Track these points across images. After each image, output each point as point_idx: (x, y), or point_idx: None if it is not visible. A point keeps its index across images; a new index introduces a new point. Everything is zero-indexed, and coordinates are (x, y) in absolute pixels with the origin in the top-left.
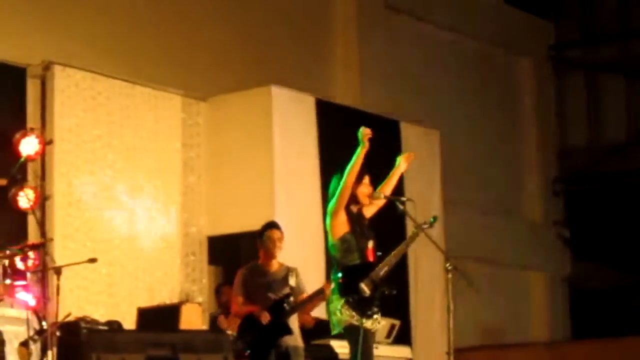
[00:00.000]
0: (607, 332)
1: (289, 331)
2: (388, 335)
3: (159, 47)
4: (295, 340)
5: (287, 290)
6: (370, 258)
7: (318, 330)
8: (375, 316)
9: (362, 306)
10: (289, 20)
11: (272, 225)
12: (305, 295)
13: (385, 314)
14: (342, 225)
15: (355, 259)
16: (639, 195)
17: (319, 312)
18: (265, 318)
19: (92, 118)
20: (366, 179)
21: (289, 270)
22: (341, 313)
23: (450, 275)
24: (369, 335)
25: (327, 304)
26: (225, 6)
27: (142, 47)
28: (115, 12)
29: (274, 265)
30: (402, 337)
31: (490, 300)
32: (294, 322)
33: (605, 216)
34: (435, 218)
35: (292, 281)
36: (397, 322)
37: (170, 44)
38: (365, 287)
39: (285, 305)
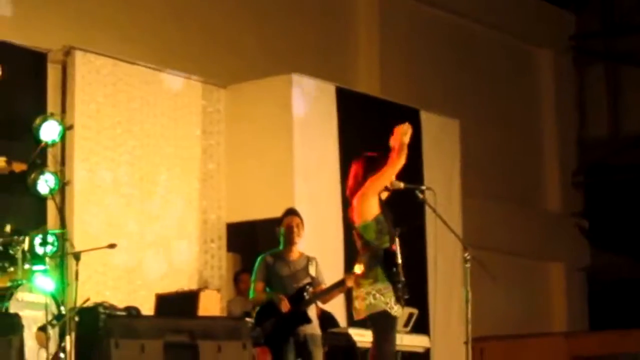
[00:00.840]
0: (625, 323)
1: (307, 320)
2: (406, 324)
3: (180, 34)
4: (313, 328)
5: (307, 280)
6: (394, 246)
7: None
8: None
9: (402, 291)
10: (310, 8)
11: (290, 212)
12: (323, 285)
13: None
14: (374, 207)
15: (386, 242)
16: None
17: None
18: (286, 307)
19: (112, 104)
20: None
21: (309, 260)
22: (375, 298)
23: (468, 265)
24: (396, 323)
25: (357, 288)
26: None
27: (163, 33)
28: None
29: (295, 254)
30: (420, 326)
31: (508, 290)
32: (312, 311)
33: (624, 207)
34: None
35: (312, 271)
36: (415, 311)
37: (191, 31)
38: (399, 271)
39: (305, 294)
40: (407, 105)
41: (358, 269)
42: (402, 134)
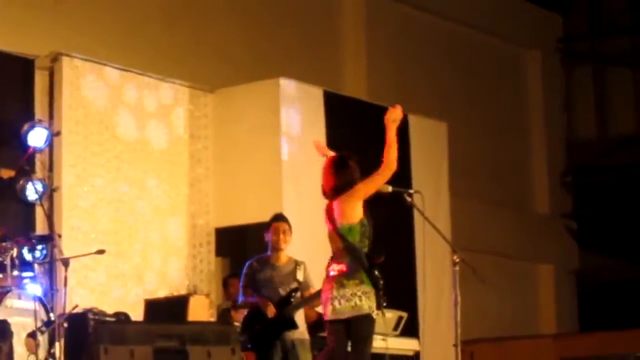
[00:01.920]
0: (615, 324)
1: (294, 325)
2: (395, 328)
3: (167, 39)
4: (301, 333)
5: (294, 285)
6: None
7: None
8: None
9: (381, 297)
10: (296, 12)
11: (277, 218)
12: (312, 289)
13: (392, 306)
14: (360, 209)
15: (366, 246)
16: None
17: None
18: (271, 312)
19: (99, 110)
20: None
21: (296, 264)
22: (360, 300)
23: (457, 268)
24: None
25: (338, 288)
26: None
27: (150, 38)
28: (124, 4)
29: (282, 259)
30: (410, 329)
31: (497, 292)
32: (299, 316)
33: (613, 209)
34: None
35: (299, 275)
36: (404, 314)
37: (179, 36)
38: (379, 277)
39: (292, 299)
40: None
41: (338, 268)
42: (392, 120)
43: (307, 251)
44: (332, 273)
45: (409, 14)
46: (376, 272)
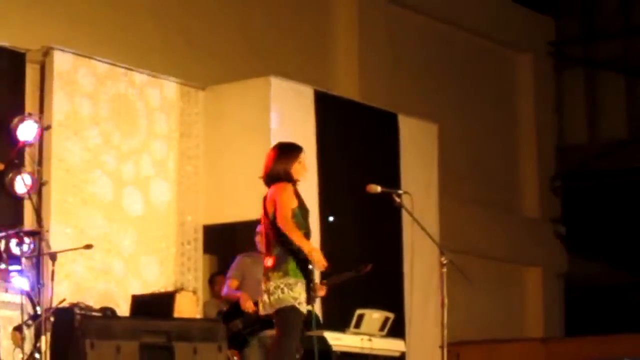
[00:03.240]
0: (601, 329)
1: (272, 325)
2: (382, 328)
3: (158, 35)
4: None
5: None
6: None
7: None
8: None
9: (311, 289)
10: (289, 11)
11: None
12: None
13: (379, 306)
14: (291, 199)
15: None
16: (636, 193)
17: None
18: (250, 307)
19: (90, 105)
20: (302, 155)
21: None
22: (283, 292)
23: (445, 269)
24: (302, 321)
25: (265, 282)
26: None
27: (141, 34)
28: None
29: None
30: (396, 330)
31: (485, 295)
32: None
33: (603, 214)
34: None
35: None
36: (391, 315)
37: (170, 32)
38: (315, 270)
39: None
40: (386, 109)
41: (268, 261)
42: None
43: None
44: (267, 265)
45: (401, 15)
46: (310, 266)
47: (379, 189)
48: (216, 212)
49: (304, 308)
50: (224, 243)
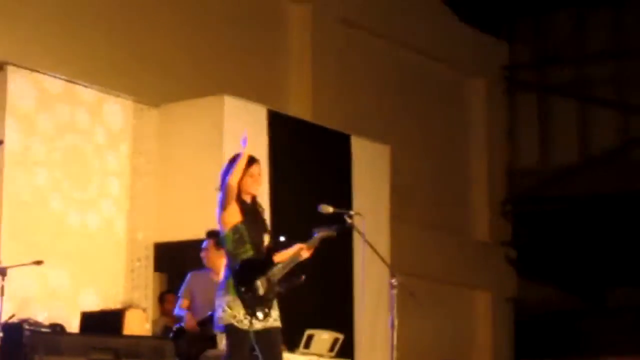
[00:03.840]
0: (550, 354)
1: (215, 345)
2: (331, 349)
3: (112, 53)
4: (222, 351)
5: None
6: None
7: None
8: (271, 316)
9: (253, 305)
10: (243, 30)
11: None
12: None
13: (329, 327)
14: (233, 215)
15: (247, 251)
16: (586, 218)
17: None
18: (192, 327)
19: (43, 120)
20: (255, 168)
21: None
22: (223, 311)
23: (395, 291)
24: (246, 338)
25: (214, 302)
26: (180, 14)
27: (96, 52)
28: (69, 16)
29: (220, 277)
30: (346, 351)
31: (434, 317)
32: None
33: (553, 238)
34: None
35: None
36: (340, 336)
37: (124, 50)
38: (260, 285)
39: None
40: (338, 130)
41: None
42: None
43: None
44: None
45: (355, 36)
46: (259, 282)
47: (330, 209)
48: (167, 230)
49: (244, 325)
50: (175, 261)
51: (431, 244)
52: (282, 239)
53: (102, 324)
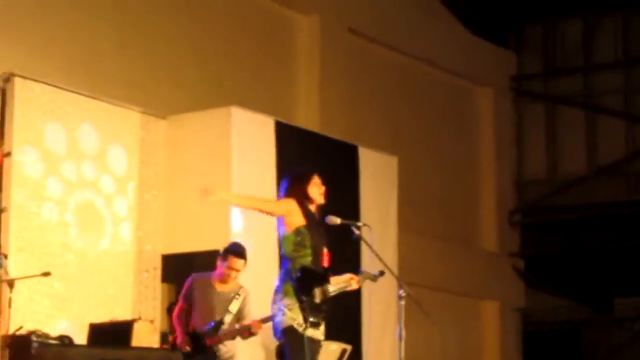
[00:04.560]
0: None
1: (212, 356)
2: None
3: (121, 64)
4: None
5: (221, 316)
6: (325, 263)
7: None
8: (320, 327)
9: (310, 311)
10: (251, 41)
11: (239, 254)
12: (247, 319)
13: (337, 338)
14: (296, 218)
15: (307, 255)
16: (594, 228)
17: None
18: (183, 347)
19: (51, 132)
20: (316, 178)
21: (236, 294)
22: (283, 314)
23: (403, 302)
24: (311, 343)
25: (272, 305)
26: (188, 26)
27: (104, 63)
28: (78, 28)
29: (224, 286)
30: None
31: (442, 328)
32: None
33: (561, 249)
34: (382, 273)
35: (233, 306)
36: (348, 347)
37: (133, 61)
38: (318, 293)
39: (214, 331)
40: (346, 141)
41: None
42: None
43: (254, 281)
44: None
45: (363, 47)
46: (317, 291)
47: (338, 220)
48: (175, 242)
49: (303, 329)
50: (183, 272)
51: (439, 255)
52: None
53: (111, 335)
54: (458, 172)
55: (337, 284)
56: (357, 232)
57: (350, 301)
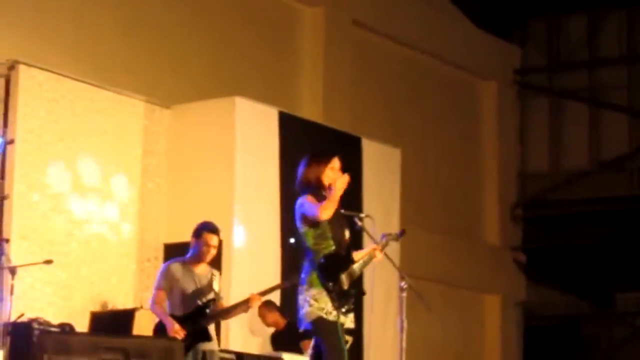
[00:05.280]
0: (558, 358)
1: (208, 337)
2: None
3: (124, 53)
4: (213, 345)
5: (211, 296)
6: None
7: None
8: (349, 315)
9: (340, 298)
10: (255, 32)
11: (212, 230)
12: (223, 301)
13: None
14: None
15: (330, 247)
16: (597, 223)
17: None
18: (180, 334)
19: (54, 120)
20: (334, 162)
21: (212, 274)
22: (310, 305)
23: (405, 294)
24: (339, 330)
25: (298, 296)
26: (193, 16)
27: (108, 51)
28: (82, 16)
29: (202, 267)
30: (355, 354)
31: (443, 321)
32: (211, 327)
33: (562, 243)
34: (403, 232)
35: (215, 285)
36: (349, 338)
37: (136, 51)
38: (345, 279)
39: (207, 311)
40: (349, 132)
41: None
42: (339, 186)
43: (256, 268)
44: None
45: (368, 39)
46: (344, 277)
47: (341, 211)
48: (177, 231)
49: (333, 317)
50: None
51: (441, 248)
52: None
53: (112, 324)
54: (461, 165)
55: (360, 260)
56: (359, 223)
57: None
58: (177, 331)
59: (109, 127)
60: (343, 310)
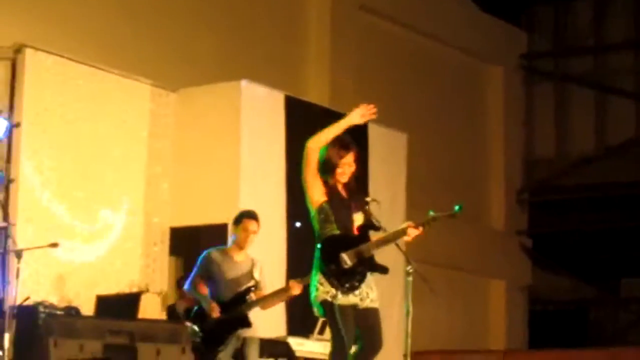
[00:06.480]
0: (564, 343)
1: (248, 324)
2: None
3: (132, 36)
4: (253, 332)
5: (251, 283)
6: (356, 232)
7: None
8: (357, 291)
9: (339, 278)
10: (262, 16)
11: (251, 216)
12: (264, 290)
13: None
14: (319, 195)
15: (334, 230)
16: (603, 208)
17: None
18: (215, 313)
19: (60, 103)
20: (348, 157)
21: (253, 263)
22: (317, 289)
23: (410, 278)
24: (345, 309)
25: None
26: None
27: (115, 35)
28: (90, 0)
29: (242, 256)
30: None
31: (449, 305)
32: (252, 314)
33: (568, 228)
34: (460, 207)
35: (256, 274)
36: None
37: (143, 34)
38: (346, 258)
39: (247, 297)
40: None
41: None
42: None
43: (262, 253)
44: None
45: (374, 23)
46: (344, 255)
47: (344, 196)
48: (183, 215)
49: (340, 300)
50: (191, 245)
51: (447, 232)
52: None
53: (118, 307)
54: (467, 150)
55: (379, 239)
56: (365, 207)
57: None
58: (213, 308)
59: (115, 110)
60: (346, 286)
